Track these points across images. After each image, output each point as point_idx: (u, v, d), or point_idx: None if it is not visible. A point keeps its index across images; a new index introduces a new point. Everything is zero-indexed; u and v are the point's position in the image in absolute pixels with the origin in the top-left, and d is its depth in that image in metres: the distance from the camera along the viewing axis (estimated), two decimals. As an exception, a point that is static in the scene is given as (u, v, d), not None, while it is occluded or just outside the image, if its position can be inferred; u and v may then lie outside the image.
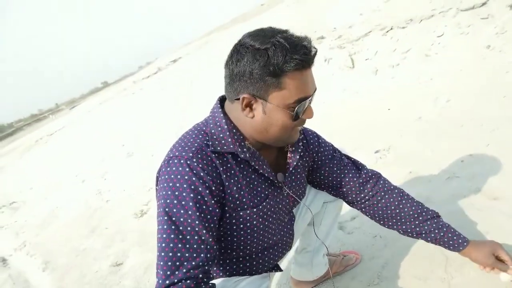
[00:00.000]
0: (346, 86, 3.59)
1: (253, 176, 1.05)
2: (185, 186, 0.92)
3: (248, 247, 1.09)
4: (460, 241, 1.21)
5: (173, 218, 0.91)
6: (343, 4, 5.81)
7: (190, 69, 7.90)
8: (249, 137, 1.02)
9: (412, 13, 3.85)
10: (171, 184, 0.93)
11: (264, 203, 1.06)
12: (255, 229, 1.07)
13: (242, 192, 1.02)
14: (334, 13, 5.67)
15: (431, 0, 4.05)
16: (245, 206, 1.03)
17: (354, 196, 1.29)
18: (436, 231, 1.22)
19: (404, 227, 1.26)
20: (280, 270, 1.27)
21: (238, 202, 1.01)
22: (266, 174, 1.06)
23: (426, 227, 1.23)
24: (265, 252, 1.16)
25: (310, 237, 1.47)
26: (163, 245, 0.90)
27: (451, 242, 1.21)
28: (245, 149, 1.01)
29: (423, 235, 1.24)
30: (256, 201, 1.05)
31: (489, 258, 1.20)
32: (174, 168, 0.94)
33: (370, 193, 1.27)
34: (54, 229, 3.97)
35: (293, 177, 1.18)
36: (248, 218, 1.04)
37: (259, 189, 1.06)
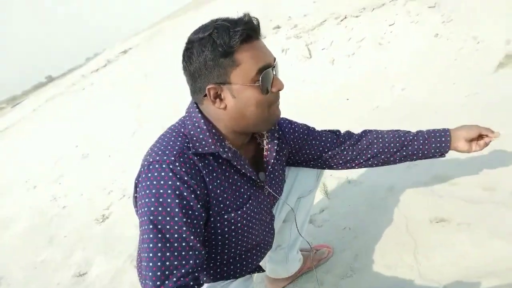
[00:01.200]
0: (305, 77, 3.62)
1: (235, 177, 1.04)
2: (169, 191, 0.89)
3: (233, 250, 1.09)
4: (444, 135, 1.25)
5: (159, 226, 0.88)
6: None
7: (143, 61, 7.60)
8: (229, 135, 1.01)
9: (365, 1, 3.94)
10: (154, 191, 0.89)
11: (248, 204, 1.06)
12: (240, 231, 1.06)
13: (225, 195, 1.00)
14: (288, 3, 5.68)
15: (382, -11, 4.16)
16: (229, 209, 1.02)
17: (342, 155, 1.29)
18: (421, 139, 1.25)
19: (405, 153, 1.26)
20: (263, 270, 1.28)
21: (222, 205, 1.00)
22: (248, 174, 1.05)
23: (416, 142, 1.25)
24: (249, 254, 1.16)
25: (285, 234, 1.49)
26: (151, 254, 0.87)
27: (438, 144, 1.25)
28: (226, 149, 0.99)
29: (421, 151, 1.26)
30: (239, 203, 1.04)
31: (474, 131, 1.22)
32: (156, 174, 0.90)
33: (355, 143, 1.28)
34: (5, 242, 3.70)
35: (272, 176, 1.18)
36: (232, 221, 1.03)
37: (242, 190, 1.06)
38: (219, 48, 0.89)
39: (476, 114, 2.11)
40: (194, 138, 0.97)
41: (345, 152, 1.29)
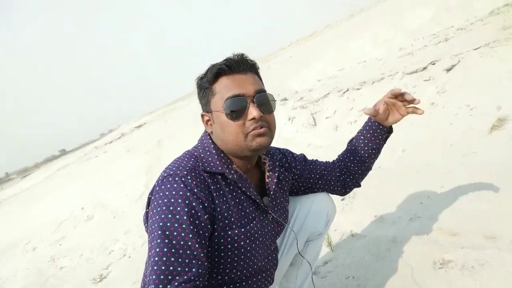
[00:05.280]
0: (310, 142, 3.77)
1: (242, 198, 1.10)
2: (179, 201, 0.96)
3: (234, 270, 1.09)
4: (373, 125, 1.44)
5: (167, 232, 0.93)
6: (303, 73, 6.32)
7: (157, 131, 7.95)
8: (234, 159, 1.11)
9: (365, 77, 4.26)
10: (165, 200, 0.97)
11: (252, 225, 1.10)
12: (242, 250, 1.08)
13: (230, 212, 1.06)
14: (295, 81, 6.13)
15: (380, 67, 4.53)
16: (233, 226, 1.06)
17: (336, 179, 1.42)
18: (367, 137, 1.43)
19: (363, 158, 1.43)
20: None
21: (226, 222, 1.05)
22: (253, 197, 1.11)
23: (363, 145, 1.42)
24: (249, 281, 1.15)
25: (291, 279, 1.49)
26: (156, 258, 0.91)
27: (375, 128, 1.43)
28: (232, 171, 1.08)
29: (370, 148, 1.42)
30: (243, 222, 1.09)
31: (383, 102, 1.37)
32: (168, 185, 0.99)
33: (343, 170, 1.43)
34: (-3, 303, 3.55)
35: (275, 202, 1.23)
36: (236, 238, 1.06)
37: (247, 211, 1.11)
38: (204, 79, 1.10)
39: (475, 172, 2.17)
40: (204, 160, 1.08)
41: (338, 176, 1.43)
